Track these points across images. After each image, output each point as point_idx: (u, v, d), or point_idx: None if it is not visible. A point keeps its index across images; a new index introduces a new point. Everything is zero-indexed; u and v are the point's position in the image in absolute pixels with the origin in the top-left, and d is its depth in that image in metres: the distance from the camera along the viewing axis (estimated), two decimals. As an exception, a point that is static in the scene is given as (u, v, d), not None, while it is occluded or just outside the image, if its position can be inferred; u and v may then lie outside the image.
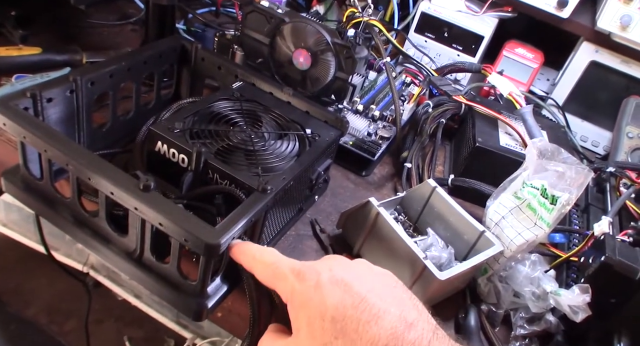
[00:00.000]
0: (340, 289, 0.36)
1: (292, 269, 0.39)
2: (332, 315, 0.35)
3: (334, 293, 0.36)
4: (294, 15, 0.75)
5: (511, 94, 0.76)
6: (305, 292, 0.37)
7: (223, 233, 0.43)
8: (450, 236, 0.61)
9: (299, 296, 0.37)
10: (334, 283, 0.36)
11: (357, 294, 0.35)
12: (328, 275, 0.37)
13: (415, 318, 0.35)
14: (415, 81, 0.92)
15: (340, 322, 0.34)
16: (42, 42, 0.80)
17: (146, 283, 0.51)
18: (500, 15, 0.98)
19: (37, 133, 0.48)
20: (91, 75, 0.58)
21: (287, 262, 0.40)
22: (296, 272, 0.38)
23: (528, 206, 0.55)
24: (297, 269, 0.39)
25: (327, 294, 0.36)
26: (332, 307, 0.35)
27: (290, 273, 0.39)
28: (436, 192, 0.62)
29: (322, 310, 0.35)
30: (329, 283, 0.36)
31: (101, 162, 0.47)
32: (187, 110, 0.61)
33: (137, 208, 0.45)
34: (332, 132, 0.63)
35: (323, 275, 0.37)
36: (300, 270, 0.38)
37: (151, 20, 0.77)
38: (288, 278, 0.38)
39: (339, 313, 0.35)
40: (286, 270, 0.39)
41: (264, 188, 0.49)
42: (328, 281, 0.36)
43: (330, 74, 0.75)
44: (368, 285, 0.37)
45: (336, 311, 0.35)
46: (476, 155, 0.72)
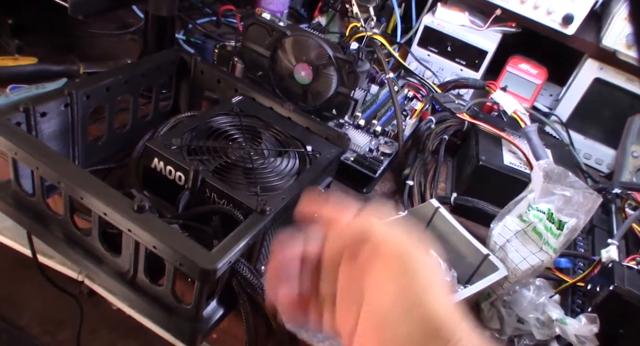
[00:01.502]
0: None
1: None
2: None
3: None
4: (296, 29, 0.74)
5: (516, 112, 0.75)
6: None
7: (219, 258, 0.42)
8: (453, 258, 0.59)
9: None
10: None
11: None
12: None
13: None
14: (417, 95, 0.91)
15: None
16: (39, 52, 0.79)
17: (139, 306, 0.50)
18: (504, 30, 0.97)
19: (29, 150, 0.46)
20: (87, 89, 0.57)
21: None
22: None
23: (534, 230, 0.54)
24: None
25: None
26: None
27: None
28: (439, 213, 0.60)
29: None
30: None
31: (94, 181, 0.45)
32: (185, 125, 0.60)
33: (131, 230, 0.43)
34: (334, 150, 0.62)
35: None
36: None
37: (150, 31, 0.76)
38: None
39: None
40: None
41: (262, 209, 0.48)
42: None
43: (332, 88, 0.74)
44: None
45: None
46: (479, 173, 0.71)
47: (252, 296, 0.50)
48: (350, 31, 0.75)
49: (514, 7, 0.91)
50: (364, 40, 0.72)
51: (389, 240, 0.30)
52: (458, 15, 0.96)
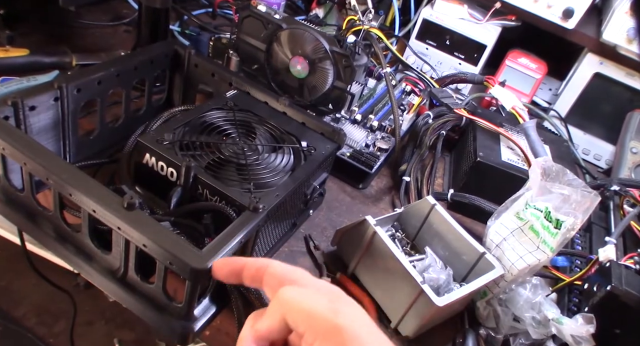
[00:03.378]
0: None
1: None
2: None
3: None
4: (292, 21, 0.73)
5: (514, 108, 0.74)
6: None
7: (210, 257, 0.41)
8: (449, 256, 0.59)
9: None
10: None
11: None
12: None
13: None
14: (415, 89, 0.90)
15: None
16: (30, 43, 0.78)
17: (130, 304, 0.49)
18: (504, 23, 0.96)
19: (17, 146, 0.45)
20: (77, 82, 0.56)
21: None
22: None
23: (531, 228, 0.53)
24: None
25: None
26: None
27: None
28: (435, 210, 0.59)
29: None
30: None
31: (83, 177, 0.44)
32: (177, 120, 0.59)
33: (120, 228, 0.43)
34: (329, 145, 0.61)
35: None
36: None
37: (144, 23, 0.75)
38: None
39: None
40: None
41: (255, 207, 0.47)
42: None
43: (328, 82, 0.73)
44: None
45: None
46: (477, 169, 0.70)
47: (244, 294, 0.49)
48: (347, 24, 0.74)
49: (514, 0, 0.89)
50: (361, 34, 0.71)
51: (316, 320, 0.31)
52: (457, 8, 0.95)
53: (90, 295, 1.46)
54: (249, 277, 0.37)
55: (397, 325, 0.53)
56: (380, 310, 0.55)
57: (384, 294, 0.55)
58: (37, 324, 1.52)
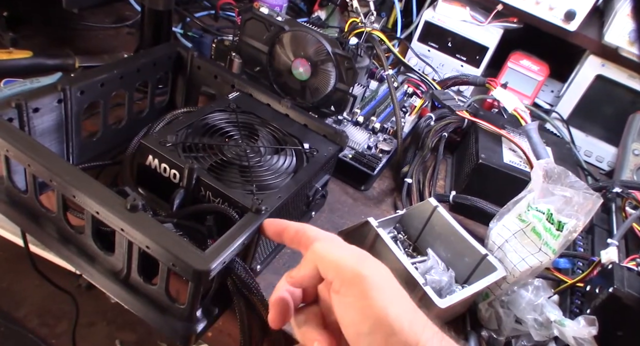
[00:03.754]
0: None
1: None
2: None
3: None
4: (294, 24, 0.73)
5: (516, 110, 0.74)
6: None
7: (213, 259, 0.41)
8: (451, 257, 0.59)
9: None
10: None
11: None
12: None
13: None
14: (417, 91, 0.90)
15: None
16: (34, 45, 0.78)
17: (132, 305, 0.49)
18: (506, 25, 0.96)
19: (20, 148, 0.46)
20: (81, 84, 0.56)
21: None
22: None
23: (533, 230, 0.53)
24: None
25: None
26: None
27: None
28: (437, 212, 0.59)
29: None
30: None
31: (87, 180, 0.45)
32: (180, 122, 0.59)
33: (124, 229, 0.43)
34: (331, 147, 0.61)
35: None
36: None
37: (147, 25, 0.75)
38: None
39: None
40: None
41: (257, 208, 0.47)
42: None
43: (330, 84, 0.73)
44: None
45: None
46: (479, 171, 0.70)
47: (247, 295, 0.50)
48: (349, 26, 0.74)
49: (516, 3, 0.89)
50: (363, 36, 0.71)
51: (343, 268, 0.34)
52: (459, 10, 0.95)
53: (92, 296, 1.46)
54: (289, 238, 0.41)
55: (399, 327, 0.53)
56: (383, 312, 0.55)
57: (386, 296, 0.55)
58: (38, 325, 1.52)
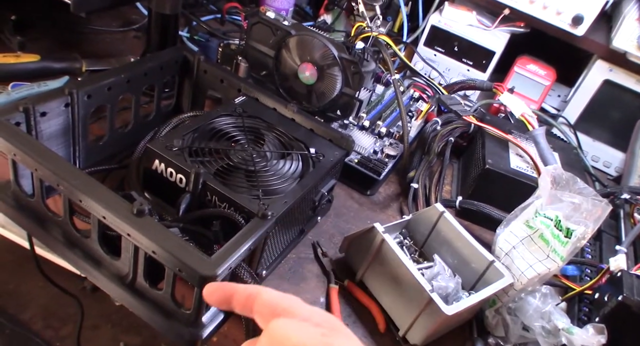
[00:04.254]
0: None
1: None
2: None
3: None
4: (301, 28, 0.73)
5: (523, 115, 0.73)
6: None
7: (219, 265, 0.41)
8: (458, 264, 0.58)
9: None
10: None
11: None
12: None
13: None
14: (423, 96, 0.90)
15: None
16: (41, 49, 0.78)
17: (138, 310, 0.49)
18: (512, 30, 0.96)
19: (28, 152, 0.46)
20: (88, 88, 0.56)
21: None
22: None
23: (540, 236, 0.53)
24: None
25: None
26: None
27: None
28: (444, 218, 0.59)
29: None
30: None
31: (94, 184, 0.45)
32: (186, 126, 0.59)
33: (130, 234, 0.43)
34: (337, 152, 0.61)
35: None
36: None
37: (153, 29, 0.75)
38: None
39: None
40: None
41: (264, 213, 0.47)
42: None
43: (336, 88, 0.73)
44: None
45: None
46: (486, 177, 0.70)
47: (253, 301, 0.49)
48: (356, 31, 0.74)
49: (523, 7, 0.89)
50: (370, 40, 0.71)
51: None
52: (466, 15, 0.95)
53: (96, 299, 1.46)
54: (239, 305, 0.35)
55: (406, 333, 0.53)
56: (388, 318, 0.55)
57: (392, 302, 0.55)
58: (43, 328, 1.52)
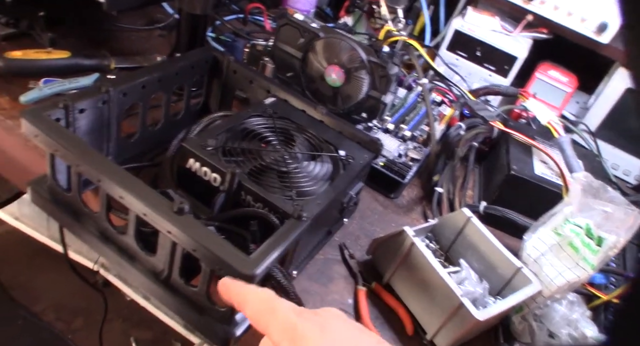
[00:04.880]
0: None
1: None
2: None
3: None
4: (329, 31, 0.73)
5: (550, 122, 0.74)
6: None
7: (259, 263, 0.42)
8: (484, 269, 0.59)
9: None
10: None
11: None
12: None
13: None
14: (445, 99, 0.90)
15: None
16: (70, 45, 0.79)
17: (172, 305, 0.50)
18: (535, 36, 0.96)
19: (70, 148, 0.46)
20: (124, 86, 0.57)
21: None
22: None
23: (569, 244, 0.53)
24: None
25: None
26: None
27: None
28: (471, 222, 0.60)
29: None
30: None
31: (134, 181, 0.45)
32: (219, 126, 0.60)
33: (171, 231, 0.43)
34: (366, 155, 0.62)
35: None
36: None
37: (183, 28, 0.76)
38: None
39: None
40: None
41: (299, 215, 0.47)
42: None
43: (362, 91, 0.74)
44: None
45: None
46: (510, 183, 0.70)
47: (285, 300, 0.50)
48: (385, 34, 0.75)
49: (548, 13, 0.89)
50: (399, 44, 0.72)
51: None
52: (489, 20, 0.95)
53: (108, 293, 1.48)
54: (252, 311, 0.39)
55: (433, 337, 0.53)
56: (416, 321, 0.56)
57: (420, 305, 0.55)
58: (55, 320, 1.54)
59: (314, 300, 0.55)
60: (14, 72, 0.72)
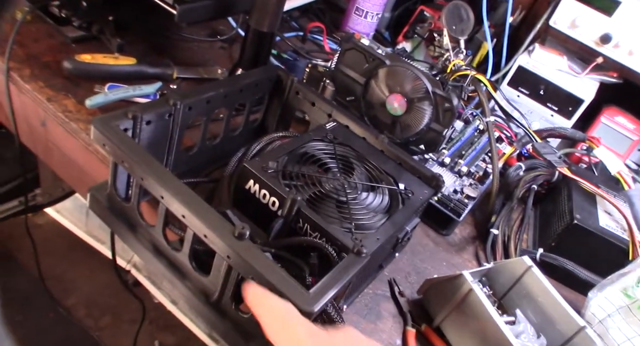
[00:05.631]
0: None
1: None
2: None
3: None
4: (395, 59, 0.72)
5: (620, 173, 0.70)
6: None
7: (317, 300, 0.40)
8: (541, 322, 0.56)
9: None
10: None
11: None
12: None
13: None
14: (502, 136, 0.88)
15: None
16: (135, 52, 0.80)
17: (219, 329, 0.49)
18: (603, 79, 0.93)
19: (137, 161, 0.46)
20: (190, 100, 0.57)
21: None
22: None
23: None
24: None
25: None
26: None
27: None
28: (531, 272, 0.57)
29: None
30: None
31: (197, 201, 0.45)
32: (280, 148, 0.59)
33: (230, 256, 0.42)
34: (426, 190, 0.60)
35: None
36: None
37: (249, 44, 0.76)
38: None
39: None
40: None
41: (359, 250, 0.46)
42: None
43: (423, 123, 0.72)
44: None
45: None
46: (572, 232, 0.67)
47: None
48: (452, 67, 0.73)
49: (620, 58, 0.86)
50: (468, 79, 0.70)
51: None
52: (556, 59, 0.92)
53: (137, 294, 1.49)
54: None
55: (484, 391, 0.51)
56: (465, 371, 0.53)
57: (472, 355, 0.53)
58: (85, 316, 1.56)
59: (361, 338, 0.53)
60: (82, 75, 0.73)
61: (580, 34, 0.89)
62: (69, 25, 0.81)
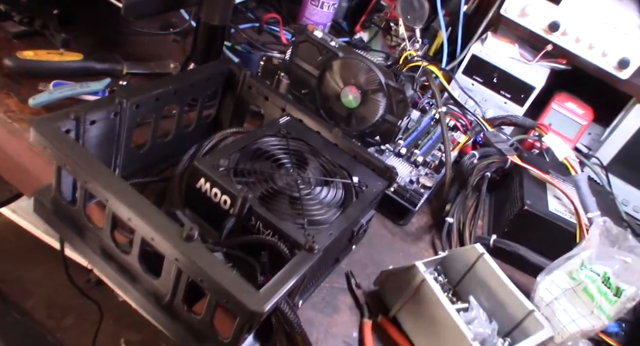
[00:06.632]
0: None
1: None
2: None
3: None
4: (348, 51, 0.72)
5: (567, 159, 0.72)
6: None
7: (268, 300, 0.40)
8: (493, 307, 0.57)
9: None
10: None
11: None
12: None
13: None
14: (458, 124, 0.89)
15: None
16: (82, 46, 0.77)
17: (172, 331, 0.48)
18: (553, 66, 0.95)
19: (80, 164, 0.45)
20: (137, 98, 0.55)
21: None
22: None
23: (584, 290, 0.52)
24: None
25: None
26: None
27: None
28: (483, 259, 0.58)
29: None
30: None
31: (145, 204, 0.44)
32: (231, 145, 0.58)
33: (178, 259, 0.42)
34: (380, 183, 0.60)
35: None
36: None
37: (200, 38, 0.74)
38: None
39: None
40: None
41: (311, 247, 0.46)
42: None
43: (378, 114, 0.72)
44: None
45: None
46: (523, 217, 0.69)
47: (289, 332, 0.48)
48: (404, 59, 0.73)
49: (568, 45, 0.88)
50: (419, 71, 0.70)
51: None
52: (508, 47, 0.94)
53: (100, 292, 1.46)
54: None
55: (439, 378, 0.52)
56: (421, 359, 0.54)
57: (427, 343, 0.54)
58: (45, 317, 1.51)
59: (318, 332, 0.53)
60: (24, 73, 0.70)
61: (530, 22, 0.91)
62: (9, 20, 0.77)
